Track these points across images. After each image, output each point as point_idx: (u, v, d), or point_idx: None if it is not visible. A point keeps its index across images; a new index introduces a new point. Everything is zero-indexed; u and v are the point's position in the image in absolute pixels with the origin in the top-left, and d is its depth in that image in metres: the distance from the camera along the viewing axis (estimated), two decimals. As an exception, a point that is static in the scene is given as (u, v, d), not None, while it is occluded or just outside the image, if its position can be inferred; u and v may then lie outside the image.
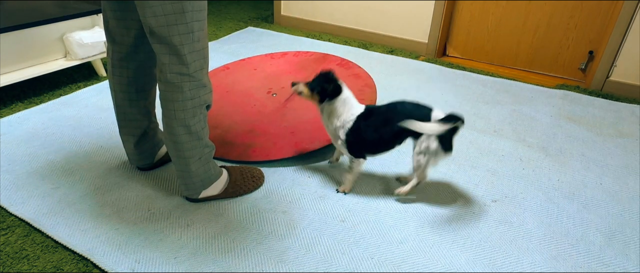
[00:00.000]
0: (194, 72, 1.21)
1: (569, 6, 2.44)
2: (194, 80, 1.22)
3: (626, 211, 1.48)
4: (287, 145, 1.71)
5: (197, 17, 1.16)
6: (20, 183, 1.52)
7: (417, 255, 1.27)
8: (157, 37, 1.15)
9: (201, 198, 1.44)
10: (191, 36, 1.16)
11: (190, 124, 1.27)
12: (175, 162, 1.35)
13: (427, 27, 2.81)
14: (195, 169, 1.35)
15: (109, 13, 1.29)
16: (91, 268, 1.21)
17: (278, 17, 3.44)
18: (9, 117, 1.94)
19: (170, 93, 1.22)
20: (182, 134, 1.27)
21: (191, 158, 1.32)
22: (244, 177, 1.51)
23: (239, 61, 2.46)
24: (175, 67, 1.19)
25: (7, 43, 2.00)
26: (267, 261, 1.24)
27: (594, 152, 1.80)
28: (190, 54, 1.18)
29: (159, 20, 1.11)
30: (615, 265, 1.27)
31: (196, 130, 1.29)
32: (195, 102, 1.25)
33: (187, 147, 1.30)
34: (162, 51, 1.17)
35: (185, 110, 1.24)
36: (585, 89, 2.41)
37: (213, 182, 1.42)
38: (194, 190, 1.40)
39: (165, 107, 1.26)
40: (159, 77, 1.23)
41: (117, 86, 1.41)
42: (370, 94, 1.98)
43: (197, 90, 1.24)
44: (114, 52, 1.36)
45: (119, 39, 1.33)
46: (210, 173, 1.40)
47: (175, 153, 1.32)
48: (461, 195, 1.53)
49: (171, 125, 1.26)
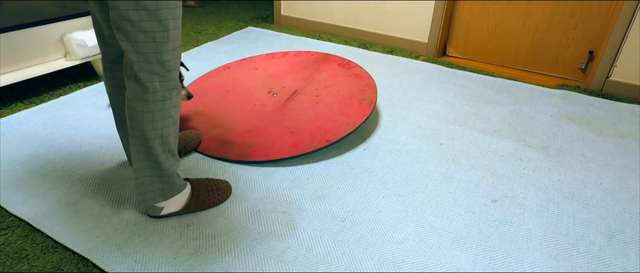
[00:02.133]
0: (166, 71, 1.16)
1: (569, 6, 2.44)
2: (166, 81, 1.17)
3: (626, 211, 1.48)
4: (287, 145, 1.71)
5: (173, 15, 1.11)
6: (20, 183, 1.52)
7: (417, 255, 1.27)
8: (124, 34, 1.09)
9: (163, 215, 1.37)
10: (166, 34, 1.11)
11: (159, 127, 1.21)
12: (137, 167, 1.26)
13: (427, 27, 2.81)
14: (157, 175, 1.28)
15: (98, 15, 1.27)
16: (91, 268, 1.21)
17: (278, 17, 3.44)
18: (9, 117, 1.94)
19: (140, 93, 1.16)
20: (151, 139, 1.21)
21: (157, 162, 1.25)
22: (209, 190, 1.44)
23: (239, 61, 2.46)
24: (146, 65, 1.13)
25: (7, 43, 2.00)
26: (267, 261, 1.24)
27: (594, 152, 1.80)
28: (164, 53, 1.13)
29: (130, 14, 1.06)
30: (615, 265, 1.27)
31: (164, 135, 1.23)
32: (166, 104, 1.19)
33: (156, 152, 1.24)
34: (129, 49, 1.11)
35: (155, 112, 1.18)
36: (585, 89, 2.41)
37: (174, 195, 1.35)
38: (152, 199, 1.31)
39: (133, 108, 1.19)
40: (128, 76, 1.17)
41: (111, 88, 1.40)
42: (371, 94, 1.98)
43: (169, 91, 1.19)
44: (105, 53, 1.34)
45: (108, 40, 1.31)
46: (172, 184, 1.32)
47: (138, 157, 1.24)
48: (461, 195, 1.53)
49: (140, 127, 1.20)
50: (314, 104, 1.96)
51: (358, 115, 1.83)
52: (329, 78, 2.19)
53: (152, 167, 1.27)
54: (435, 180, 1.60)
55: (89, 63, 2.42)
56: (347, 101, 1.95)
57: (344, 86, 2.09)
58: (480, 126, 1.98)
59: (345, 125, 1.78)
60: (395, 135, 1.88)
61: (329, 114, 1.87)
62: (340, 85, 2.10)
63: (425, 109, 2.11)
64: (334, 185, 1.56)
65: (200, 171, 1.62)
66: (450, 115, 2.07)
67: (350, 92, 2.03)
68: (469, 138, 1.88)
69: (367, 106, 1.89)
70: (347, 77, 2.17)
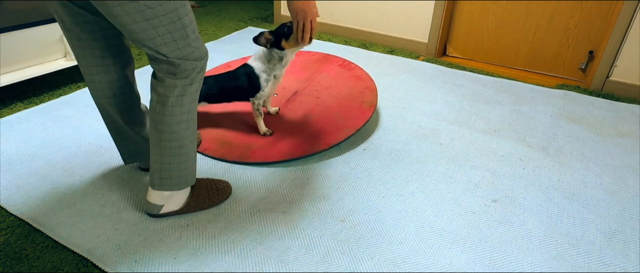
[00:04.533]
0: (196, 60, 1.17)
1: (569, 6, 2.44)
2: (197, 67, 1.18)
3: (626, 211, 1.48)
4: (287, 147, 1.71)
5: (183, 12, 1.10)
6: (20, 183, 1.52)
7: (417, 255, 1.27)
8: (142, 43, 1.10)
9: (162, 213, 1.36)
10: (184, 31, 1.12)
11: (190, 110, 1.22)
12: (159, 153, 1.26)
13: (427, 27, 2.81)
14: (179, 162, 1.28)
15: (65, 19, 1.22)
16: (91, 268, 1.21)
17: (278, 17, 3.44)
18: (9, 117, 1.94)
19: (172, 88, 1.17)
20: (180, 122, 1.21)
21: (181, 147, 1.26)
22: (209, 190, 1.44)
23: (240, 60, 2.46)
24: (178, 60, 1.13)
25: (7, 43, 2.00)
26: (267, 261, 1.24)
27: (594, 152, 1.80)
28: (185, 48, 1.13)
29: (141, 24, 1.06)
30: (615, 265, 1.27)
31: (189, 119, 1.24)
32: (194, 87, 1.21)
33: (185, 135, 1.24)
34: (156, 53, 1.12)
35: (184, 97, 1.20)
36: (585, 89, 2.41)
37: (189, 185, 1.36)
38: (170, 186, 1.32)
39: (165, 99, 1.19)
40: (159, 70, 1.17)
41: (109, 91, 1.38)
42: (371, 96, 1.98)
43: (198, 74, 1.20)
44: (80, 56, 1.33)
45: (86, 43, 1.27)
46: (190, 173, 1.33)
47: (161, 144, 1.24)
48: (461, 195, 1.53)
49: (170, 112, 1.20)
50: (314, 106, 1.96)
51: (358, 118, 1.83)
52: (329, 79, 2.19)
53: (176, 153, 1.26)
54: (435, 180, 1.60)
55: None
56: (347, 103, 1.95)
57: (344, 88, 2.09)
58: (480, 126, 1.98)
59: (345, 128, 1.78)
60: (395, 135, 1.88)
61: (329, 116, 1.87)
62: (341, 87, 2.10)
63: (425, 109, 2.11)
64: (334, 185, 1.56)
65: (200, 171, 1.62)
66: (450, 115, 2.07)
67: (350, 94, 2.03)
68: (469, 138, 1.88)
69: (367, 109, 1.89)
70: (348, 78, 2.17)
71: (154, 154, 1.28)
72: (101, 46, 1.26)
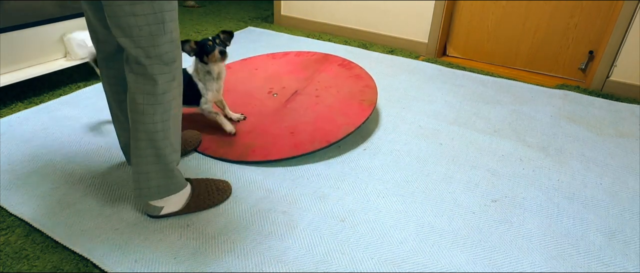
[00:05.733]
0: (165, 64, 1.15)
1: (569, 6, 2.44)
2: (165, 73, 1.16)
3: (626, 211, 1.48)
4: (287, 146, 1.71)
5: (168, 7, 1.10)
6: (20, 183, 1.52)
7: (417, 255, 1.27)
8: (121, 30, 1.09)
9: (163, 214, 1.36)
10: (162, 27, 1.11)
11: (160, 120, 1.20)
12: (136, 162, 1.25)
13: (427, 27, 2.81)
14: (157, 170, 1.27)
15: (89, 13, 1.26)
16: (91, 268, 1.21)
17: (278, 17, 3.44)
18: (9, 117, 1.94)
19: (141, 86, 1.16)
20: (152, 131, 1.20)
21: (158, 156, 1.24)
22: (209, 190, 1.43)
23: (240, 61, 2.46)
24: (145, 59, 1.12)
25: (7, 43, 2.00)
26: (267, 261, 1.24)
27: (594, 152, 1.80)
28: (161, 46, 1.13)
29: (125, 9, 1.06)
30: (615, 265, 1.27)
31: (165, 128, 1.22)
32: (166, 97, 1.19)
33: (158, 146, 1.23)
34: (128, 44, 1.11)
35: (156, 105, 1.18)
36: (585, 89, 2.41)
37: (172, 193, 1.33)
38: (149, 196, 1.30)
39: (134, 101, 1.18)
40: (128, 70, 1.17)
41: (106, 86, 1.40)
42: (371, 95, 1.98)
43: (169, 83, 1.18)
44: (99, 51, 1.34)
45: (102, 37, 1.31)
46: (172, 181, 1.31)
47: (138, 152, 1.23)
48: (461, 195, 1.53)
49: (141, 120, 1.19)
50: (314, 105, 1.96)
51: (358, 115, 1.83)
52: (329, 78, 2.19)
53: (152, 162, 1.25)
54: (435, 180, 1.60)
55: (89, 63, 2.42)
56: (347, 102, 1.95)
57: (344, 87, 2.09)
58: (480, 126, 1.98)
59: (345, 125, 1.78)
60: (395, 135, 1.88)
61: (329, 114, 1.87)
62: (341, 86, 2.10)
63: (425, 109, 2.11)
64: (334, 185, 1.56)
65: (200, 171, 1.62)
66: (450, 115, 2.07)
67: (350, 92, 2.03)
68: (469, 138, 1.88)
69: (367, 107, 1.89)
70: (348, 77, 2.17)
71: (133, 163, 1.27)
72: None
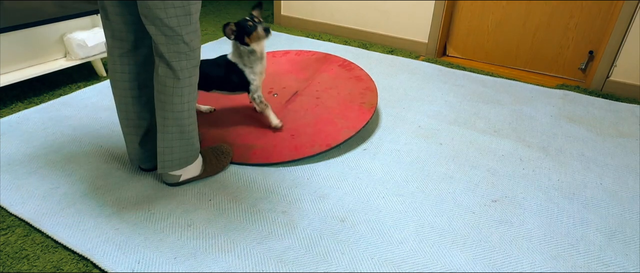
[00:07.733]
0: (191, 50, 1.28)
1: (569, 6, 2.44)
2: (191, 58, 1.29)
3: (626, 211, 1.48)
4: (288, 149, 1.71)
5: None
6: (20, 183, 1.52)
7: (417, 255, 1.27)
8: (151, 20, 1.21)
9: (182, 181, 1.50)
10: (189, 18, 1.23)
11: (187, 100, 1.35)
12: (164, 138, 1.39)
13: (427, 27, 2.81)
14: (180, 145, 1.41)
15: (109, 9, 1.30)
16: (91, 268, 1.21)
17: (278, 17, 3.44)
18: (9, 117, 1.94)
19: (170, 71, 1.28)
20: (179, 111, 1.34)
21: (182, 132, 1.39)
22: (216, 155, 1.60)
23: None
24: (173, 46, 1.25)
25: (7, 43, 2.00)
26: (267, 261, 1.24)
27: (594, 152, 1.80)
28: (187, 35, 1.25)
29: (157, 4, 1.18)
30: (615, 265, 1.27)
31: (190, 108, 1.38)
32: (193, 80, 1.33)
33: (184, 123, 1.37)
34: (157, 33, 1.23)
35: (183, 88, 1.31)
36: (585, 89, 2.41)
37: (190, 163, 1.48)
38: (171, 167, 1.45)
39: (164, 84, 1.30)
40: (158, 57, 1.28)
41: (119, 83, 1.41)
42: (371, 98, 1.98)
43: (195, 68, 1.32)
44: (115, 47, 1.36)
45: (118, 34, 1.34)
46: (191, 153, 1.46)
47: (165, 129, 1.37)
48: (461, 195, 1.53)
49: (170, 101, 1.32)
50: (314, 106, 1.96)
51: (358, 119, 1.83)
52: (329, 79, 2.19)
53: (177, 138, 1.39)
54: (435, 180, 1.60)
55: (89, 63, 2.42)
56: (347, 104, 1.95)
57: (344, 88, 2.09)
58: (480, 126, 1.98)
59: (345, 129, 1.78)
60: (395, 135, 1.89)
61: (329, 117, 1.87)
62: (341, 87, 2.10)
63: (425, 109, 2.11)
64: (334, 185, 1.56)
65: (200, 171, 1.62)
66: (450, 115, 2.07)
67: (350, 94, 2.02)
68: (469, 138, 1.88)
69: (367, 110, 1.89)
70: (348, 79, 2.17)
71: (159, 139, 1.40)
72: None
